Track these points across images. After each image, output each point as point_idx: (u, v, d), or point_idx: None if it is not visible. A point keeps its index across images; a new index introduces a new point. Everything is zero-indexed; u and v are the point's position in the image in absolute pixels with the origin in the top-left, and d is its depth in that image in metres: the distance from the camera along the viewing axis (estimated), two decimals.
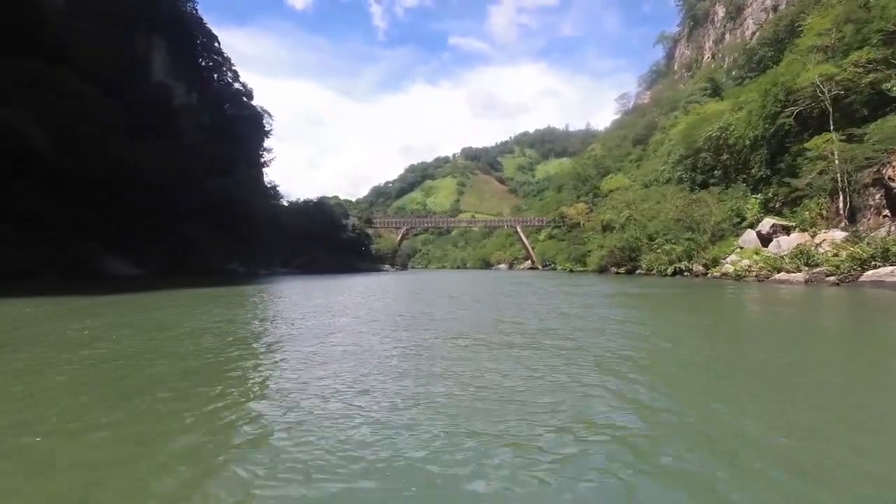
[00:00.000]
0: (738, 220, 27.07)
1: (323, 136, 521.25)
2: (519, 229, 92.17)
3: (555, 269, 70.42)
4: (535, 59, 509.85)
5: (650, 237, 31.77)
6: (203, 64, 65.07)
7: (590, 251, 39.87)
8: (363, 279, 30.59)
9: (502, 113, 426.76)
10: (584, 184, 68.37)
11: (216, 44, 66.51)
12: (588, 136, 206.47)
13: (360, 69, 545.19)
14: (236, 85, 70.26)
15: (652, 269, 29.55)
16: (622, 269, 34.05)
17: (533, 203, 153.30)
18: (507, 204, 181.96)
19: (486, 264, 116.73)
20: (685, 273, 26.29)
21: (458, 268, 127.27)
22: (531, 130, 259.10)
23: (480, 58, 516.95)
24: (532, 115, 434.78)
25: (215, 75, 68.62)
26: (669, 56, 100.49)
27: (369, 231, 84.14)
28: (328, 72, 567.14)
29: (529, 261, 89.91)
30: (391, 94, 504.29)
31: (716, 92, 67.63)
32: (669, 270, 26.97)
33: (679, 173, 36.71)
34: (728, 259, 22.72)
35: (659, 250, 29.33)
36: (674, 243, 29.30)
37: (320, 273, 42.24)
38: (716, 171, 32.03)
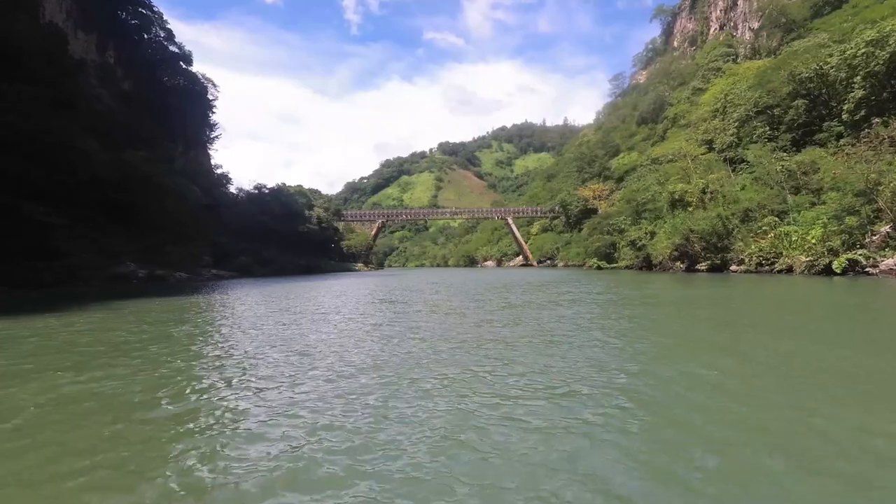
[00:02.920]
0: None
1: (299, 135, 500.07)
2: (510, 221, 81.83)
3: (555, 265, 60.61)
4: (510, 56, 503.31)
5: (745, 216, 21.62)
6: (124, 17, 52.33)
7: (635, 241, 29.04)
8: (315, 286, 19.57)
9: (478, 109, 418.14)
10: (591, 165, 58.46)
11: None
12: (566, 131, 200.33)
13: (335, 66, 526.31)
14: (171, 48, 57.43)
15: (765, 265, 19.24)
16: (703, 265, 23.63)
17: (513, 198, 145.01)
18: (486, 199, 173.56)
19: (471, 261, 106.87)
20: (862, 270, 15.74)
21: (439, 266, 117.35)
22: (508, 125, 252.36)
23: (455, 54, 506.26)
24: (508, 112, 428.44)
25: (145, 35, 55.81)
26: (668, 32, 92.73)
27: (339, 225, 72.14)
28: (302, 69, 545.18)
29: (521, 257, 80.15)
30: (366, 91, 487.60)
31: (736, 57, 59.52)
32: (838, 266, 15.91)
33: (760, 129, 26.74)
34: None
35: (773, 234, 19.14)
36: (789, 224, 19.28)
37: (268, 276, 30.84)
38: (835, 119, 22.01)
